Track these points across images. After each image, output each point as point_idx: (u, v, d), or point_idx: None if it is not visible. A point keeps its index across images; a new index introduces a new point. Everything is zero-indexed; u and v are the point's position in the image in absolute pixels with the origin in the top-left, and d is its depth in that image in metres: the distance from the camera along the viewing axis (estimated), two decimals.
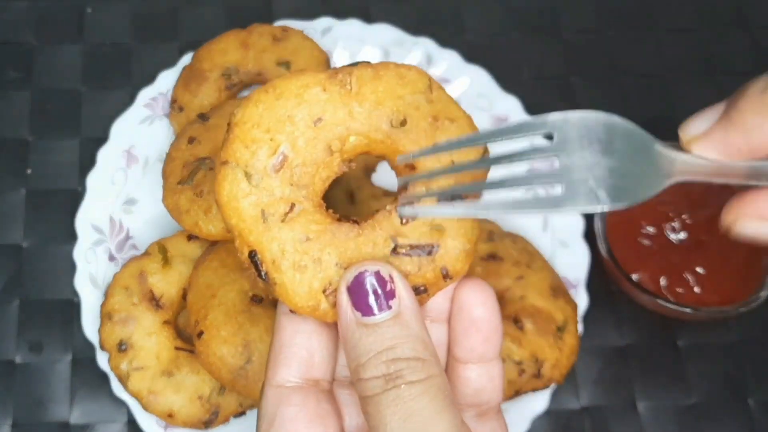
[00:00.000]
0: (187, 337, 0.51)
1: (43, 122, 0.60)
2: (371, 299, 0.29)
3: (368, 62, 0.32)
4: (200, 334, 0.47)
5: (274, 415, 0.31)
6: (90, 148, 0.57)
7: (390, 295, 0.29)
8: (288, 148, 0.30)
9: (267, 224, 0.30)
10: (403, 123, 0.31)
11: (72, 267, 0.53)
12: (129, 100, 0.57)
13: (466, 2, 0.65)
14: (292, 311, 0.31)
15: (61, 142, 0.59)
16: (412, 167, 0.31)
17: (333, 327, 0.32)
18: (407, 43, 0.60)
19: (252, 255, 0.30)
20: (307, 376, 0.31)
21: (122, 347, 0.49)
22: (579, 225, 0.55)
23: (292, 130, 0.30)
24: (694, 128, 0.31)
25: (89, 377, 0.53)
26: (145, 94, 0.57)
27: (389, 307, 0.29)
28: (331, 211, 0.31)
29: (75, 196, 0.57)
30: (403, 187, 0.31)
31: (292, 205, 0.30)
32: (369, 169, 0.56)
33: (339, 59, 0.59)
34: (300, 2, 0.64)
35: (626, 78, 0.63)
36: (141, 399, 0.48)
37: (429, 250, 0.31)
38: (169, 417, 0.48)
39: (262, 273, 0.30)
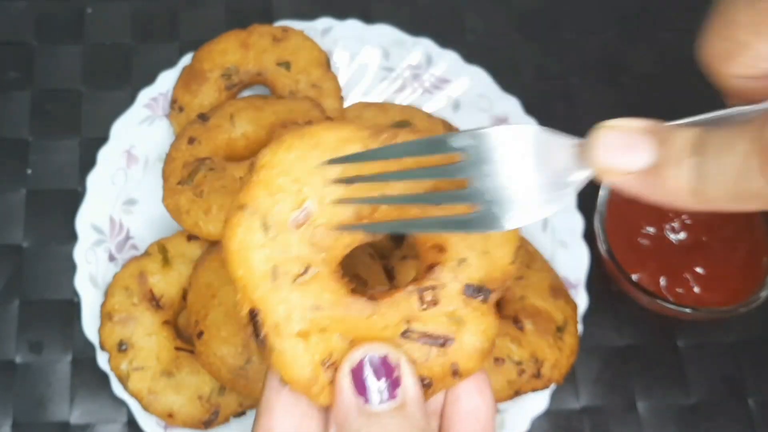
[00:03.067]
0: (187, 337, 0.51)
1: (43, 122, 0.60)
2: (376, 386, 0.27)
3: (413, 126, 0.29)
4: (200, 334, 0.47)
5: None
6: (90, 148, 0.57)
7: (396, 383, 0.27)
8: (314, 204, 0.28)
9: (276, 283, 0.27)
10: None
11: (72, 267, 0.53)
12: (129, 100, 0.57)
13: (466, 2, 0.65)
14: (282, 385, 0.28)
15: (61, 142, 0.59)
16: (441, 249, 0.29)
17: (325, 414, 0.29)
18: (407, 43, 0.60)
19: (253, 314, 0.27)
20: None
21: (122, 347, 0.49)
22: (579, 225, 0.55)
23: (322, 186, 0.28)
24: None
25: (89, 377, 0.53)
26: (145, 94, 0.57)
27: (394, 396, 0.27)
28: (347, 279, 0.29)
29: (75, 196, 0.57)
30: (429, 270, 0.29)
31: (308, 267, 0.28)
32: None
33: (339, 59, 0.59)
34: (300, 2, 0.64)
35: (626, 78, 0.63)
36: (141, 399, 0.49)
37: (443, 342, 0.29)
38: (169, 417, 0.49)
39: (261, 335, 0.27)
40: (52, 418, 0.52)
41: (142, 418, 0.50)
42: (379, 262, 0.49)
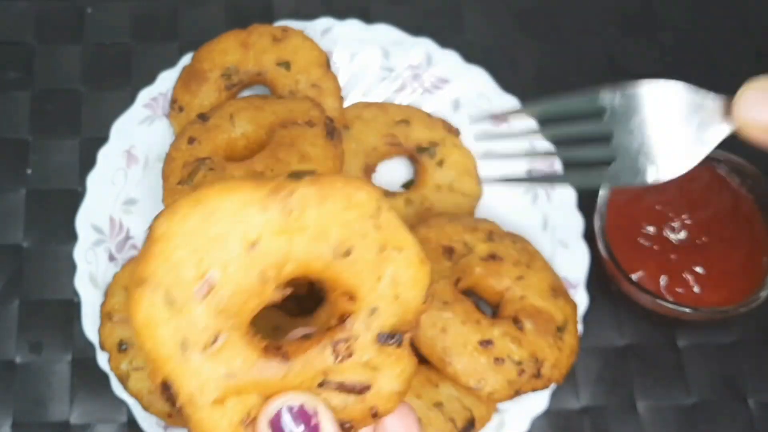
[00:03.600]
0: None
1: (43, 122, 0.60)
2: None
3: (313, 175, 0.29)
4: None
5: None
6: (90, 148, 0.57)
7: (314, 430, 0.27)
8: (217, 274, 0.27)
9: (187, 355, 0.27)
10: (348, 253, 0.29)
11: (72, 267, 0.53)
12: (129, 100, 0.57)
13: (466, 2, 0.65)
14: None
15: (61, 142, 0.59)
16: (351, 297, 0.29)
17: None
18: (407, 43, 0.60)
19: (165, 386, 0.27)
20: None
21: (122, 347, 0.49)
22: (579, 225, 0.55)
23: (223, 254, 0.27)
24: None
25: (89, 377, 0.53)
26: (145, 94, 0.57)
27: None
28: (259, 337, 0.28)
29: (75, 196, 0.57)
30: (341, 321, 0.29)
31: (217, 336, 0.27)
32: (369, 169, 0.56)
33: (339, 59, 0.59)
34: (300, 2, 0.64)
35: (626, 78, 0.63)
36: (141, 399, 0.49)
37: (360, 389, 0.29)
38: (169, 417, 0.49)
39: (177, 406, 0.27)
40: (52, 418, 0.52)
41: (142, 418, 0.50)
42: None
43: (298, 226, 0.28)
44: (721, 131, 0.28)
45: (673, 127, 0.27)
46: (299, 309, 0.50)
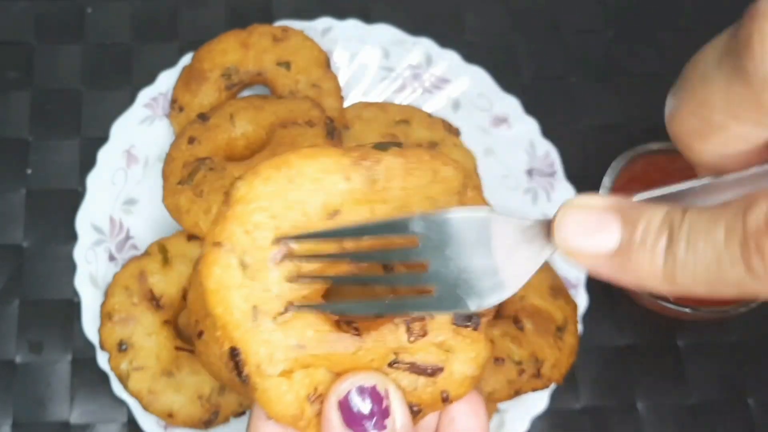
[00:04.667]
0: (187, 337, 0.51)
1: (43, 122, 0.60)
2: (365, 417, 0.27)
3: (399, 148, 0.28)
4: (200, 333, 0.47)
5: None
6: (90, 148, 0.57)
7: (385, 413, 0.27)
8: (295, 241, 0.27)
9: (257, 323, 0.26)
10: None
11: (72, 267, 0.53)
12: (129, 100, 0.57)
13: (466, 2, 0.65)
14: (269, 418, 0.27)
15: (61, 142, 0.59)
16: (422, 266, 0.27)
17: None
18: (407, 43, 0.60)
19: (234, 353, 0.27)
20: None
21: (122, 347, 0.49)
22: None
23: (302, 221, 0.27)
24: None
25: (89, 377, 0.53)
26: (145, 94, 0.57)
27: (384, 427, 0.27)
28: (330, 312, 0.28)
29: (75, 196, 0.57)
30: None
31: (289, 305, 0.27)
32: None
33: (339, 59, 0.59)
34: (300, 2, 0.64)
35: (626, 78, 0.63)
36: (141, 399, 0.49)
37: (431, 371, 0.28)
38: (169, 417, 0.49)
39: (243, 374, 0.27)
40: (52, 418, 0.52)
41: (142, 417, 0.50)
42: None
43: (381, 197, 0.27)
44: (542, 255, 0.26)
45: (490, 254, 0.26)
46: None
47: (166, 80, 0.57)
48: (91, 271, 0.53)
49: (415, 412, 0.28)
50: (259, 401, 0.27)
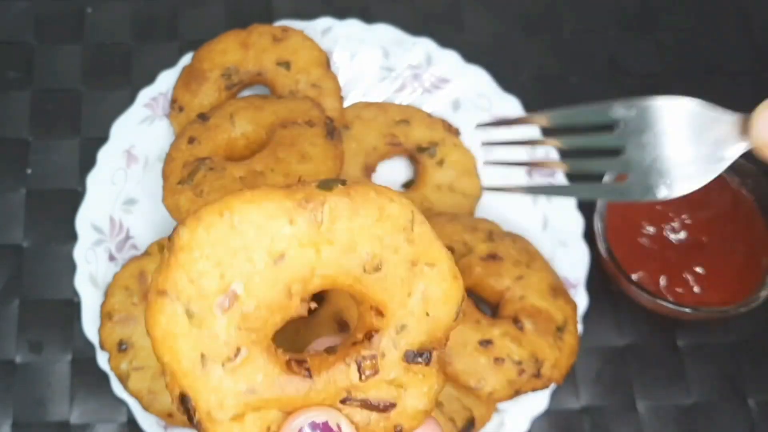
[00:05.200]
0: None
1: (43, 122, 0.60)
2: None
3: (344, 187, 0.27)
4: None
5: None
6: (90, 148, 0.57)
7: None
8: (240, 287, 0.26)
9: (206, 370, 0.26)
10: (378, 269, 0.27)
11: (72, 267, 0.53)
12: (129, 100, 0.57)
13: (466, 2, 0.65)
14: None
15: (61, 142, 0.59)
16: (379, 312, 0.28)
17: None
18: (407, 43, 0.60)
19: (184, 400, 0.27)
20: None
21: (122, 347, 0.49)
22: (579, 225, 0.55)
23: (247, 267, 0.26)
24: None
25: (89, 377, 0.53)
26: (145, 94, 0.57)
27: None
28: (281, 351, 0.28)
29: (75, 196, 0.57)
30: (367, 337, 0.28)
31: (238, 351, 0.26)
32: (369, 169, 0.56)
33: (339, 59, 0.59)
34: (300, 2, 0.64)
35: (626, 78, 0.63)
36: (141, 399, 0.49)
37: (384, 407, 0.28)
38: (169, 417, 0.49)
39: (195, 421, 0.26)
40: (52, 418, 0.52)
41: (142, 417, 0.50)
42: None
43: (327, 239, 0.27)
44: (736, 150, 0.27)
45: (686, 144, 0.27)
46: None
47: (166, 80, 0.57)
48: (91, 271, 0.53)
49: None
50: None
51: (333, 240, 0.27)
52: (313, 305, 0.28)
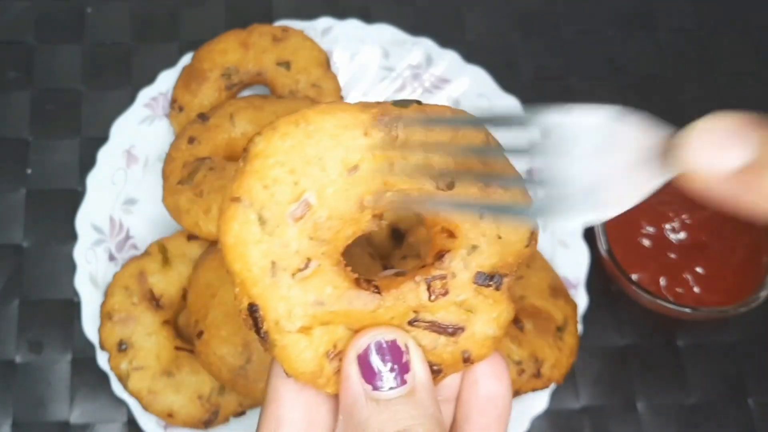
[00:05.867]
0: (187, 337, 0.51)
1: (43, 122, 0.60)
2: (385, 372, 0.26)
3: (420, 104, 0.27)
4: (200, 333, 0.47)
5: None
6: (90, 148, 0.57)
7: (404, 368, 0.26)
8: (313, 196, 0.26)
9: (276, 279, 0.26)
10: (450, 186, 0.27)
11: (72, 267, 0.53)
12: (129, 100, 0.57)
13: (466, 2, 0.65)
14: (288, 376, 0.27)
15: (61, 142, 0.59)
16: (451, 234, 0.27)
17: (334, 400, 0.28)
18: (407, 43, 0.60)
19: (252, 309, 0.26)
20: None
21: (122, 347, 0.49)
22: (579, 225, 0.55)
23: (321, 176, 0.26)
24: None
25: (89, 377, 0.53)
26: (145, 94, 0.57)
27: (404, 382, 0.26)
28: (350, 269, 0.27)
29: (75, 196, 0.57)
30: (438, 257, 0.28)
31: (308, 261, 0.26)
32: None
33: (339, 59, 0.59)
34: (300, 2, 0.64)
35: (626, 78, 0.63)
36: (141, 399, 0.49)
37: (452, 331, 0.27)
38: (169, 417, 0.49)
39: (262, 331, 0.26)
40: (52, 418, 0.52)
41: (142, 417, 0.50)
42: (379, 262, 0.49)
43: (401, 153, 0.26)
44: (657, 178, 0.24)
45: (603, 167, 0.24)
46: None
47: (166, 80, 0.57)
48: (91, 271, 0.53)
49: (436, 372, 0.27)
50: (278, 358, 0.26)
51: (407, 154, 0.26)
52: (383, 223, 0.28)
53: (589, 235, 0.55)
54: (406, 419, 0.25)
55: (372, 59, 0.60)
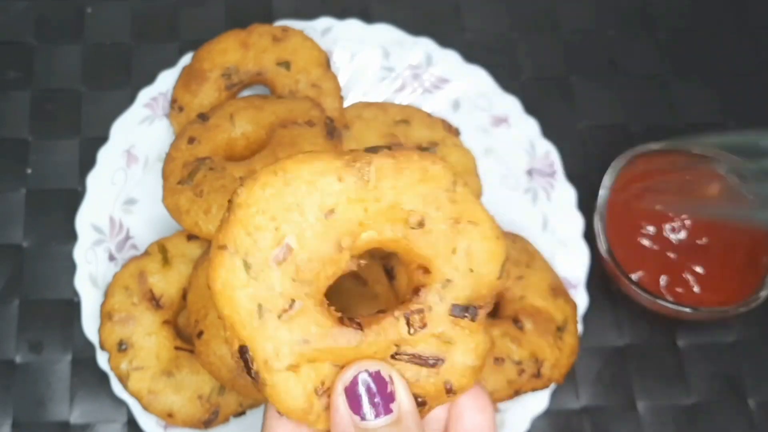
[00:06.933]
0: (187, 337, 0.51)
1: (43, 122, 0.60)
2: (370, 402, 0.27)
3: (389, 150, 0.29)
4: (200, 333, 0.47)
5: None
6: (90, 148, 0.57)
7: (389, 398, 0.28)
8: (294, 240, 0.28)
9: (263, 320, 0.28)
10: (421, 224, 0.29)
11: (72, 267, 0.53)
12: (129, 100, 0.57)
13: (466, 2, 0.65)
14: (280, 415, 0.28)
15: (61, 142, 0.59)
16: (426, 270, 0.29)
17: None
18: (407, 43, 0.60)
19: (243, 351, 0.28)
20: None
21: (122, 347, 0.49)
22: (579, 225, 0.55)
23: (300, 221, 0.28)
24: None
25: (89, 377, 0.53)
26: (145, 94, 0.57)
27: (389, 411, 0.27)
28: (333, 308, 0.29)
29: (75, 196, 0.57)
30: (415, 293, 0.29)
31: (292, 302, 0.28)
32: None
33: (339, 59, 0.59)
34: (300, 2, 0.64)
35: (626, 78, 0.63)
36: (141, 399, 0.49)
37: (433, 362, 0.29)
38: (169, 417, 0.49)
39: (252, 372, 0.28)
40: (52, 418, 0.52)
41: (142, 417, 0.50)
42: (379, 262, 0.49)
43: (373, 196, 0.28)
44: None
45: None
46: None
47: (166, 80, 0.57)
48: (91, 271, 0.53)
49: (421, 404, 0.29)
50: (269, 397, 0.28)
51: (379, 197, 0.28)
52: (362, 262, 0.29)
53: (589, 235, 0.55)
54: None
55: (372, 59, 0.60)
